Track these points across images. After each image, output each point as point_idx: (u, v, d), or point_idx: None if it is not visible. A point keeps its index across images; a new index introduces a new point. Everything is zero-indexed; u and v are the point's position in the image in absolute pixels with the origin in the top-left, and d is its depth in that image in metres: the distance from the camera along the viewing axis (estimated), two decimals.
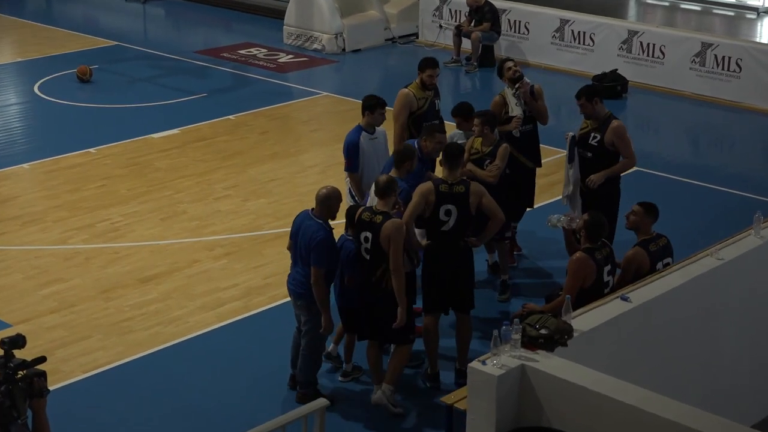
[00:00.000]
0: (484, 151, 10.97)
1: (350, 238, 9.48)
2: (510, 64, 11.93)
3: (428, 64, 11.86)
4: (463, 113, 11.31)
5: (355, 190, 11.01)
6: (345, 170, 11.11)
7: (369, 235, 9.14)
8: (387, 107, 11.17)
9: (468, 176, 10.85)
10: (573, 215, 9.86)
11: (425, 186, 9.65)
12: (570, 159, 11.23)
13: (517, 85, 11.65)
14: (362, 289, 9.37)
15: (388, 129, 11.48)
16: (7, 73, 20.16)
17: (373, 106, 11.02)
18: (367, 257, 9.20)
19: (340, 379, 9.95)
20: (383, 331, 9.38)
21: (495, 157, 10.90)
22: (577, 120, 11.56)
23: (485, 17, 20.23)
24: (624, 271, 9.12)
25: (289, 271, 9.60)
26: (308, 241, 9.19)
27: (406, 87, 11.89)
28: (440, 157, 9.98)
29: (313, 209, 9.33)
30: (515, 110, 11.66)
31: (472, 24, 20.33)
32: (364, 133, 11.07)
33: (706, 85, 18.41)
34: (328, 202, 9.26)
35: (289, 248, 9.65)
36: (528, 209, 12.21)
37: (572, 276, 8.90)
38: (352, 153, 10.99)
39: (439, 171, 10.22)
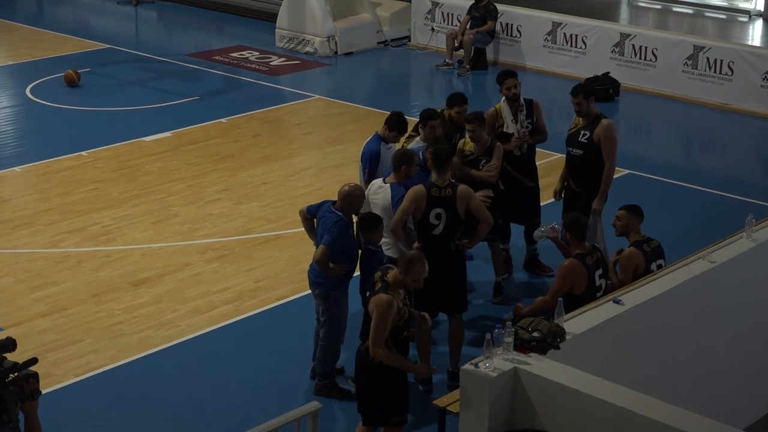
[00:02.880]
0: (478, 152, 10.98)
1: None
2: (509, 83, 11.52)
3: (456, 101, 11.42)
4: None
5: None
6: (365, 179, 10.82)
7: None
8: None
9: (467, 178, 10.87)
10: (554, 224, 9.91)
11: (417, 190, 9.61)
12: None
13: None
14: (357, 355, 8.58)
15: None
16: None
17: (393, 126, 10.88)
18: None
19: (348, 382, 9.87)
20: (368, 408, 8.60)
21: (491, 156, 10.92)
22: (570, 122, 11.54)
23: (491, 15, 20.18)
24: (625, 271, 9.12)
25: (310, 263, 9.76)
26: (326, 227, 9.43)
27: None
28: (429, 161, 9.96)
29: (334, 202, 9.54)
30: (510, 126, 11.57)
31: (469, 24, 20.23)
32: (382, 142, 10.95)
33: (698, 87, 18.43)
34: (349, 199, 9.50)
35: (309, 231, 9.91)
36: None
37: (560, 280, 8.95)
38: (374, 163, 10.86)
39: None
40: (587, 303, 8.54)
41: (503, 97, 11.67)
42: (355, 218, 9.74)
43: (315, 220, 9.76)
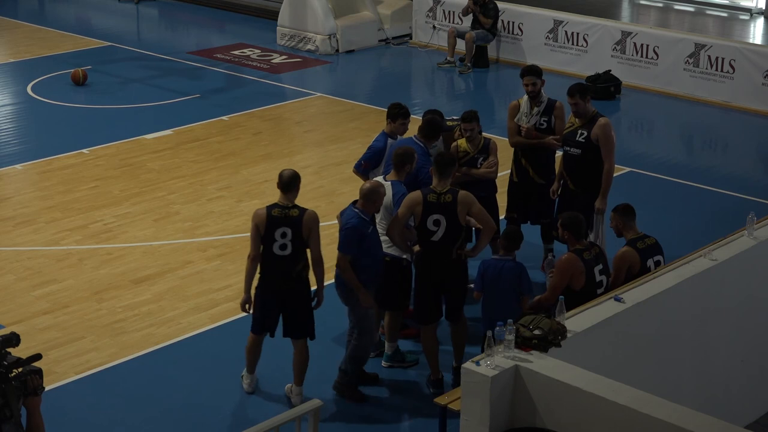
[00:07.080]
0: (473, 151, 10.98)
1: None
2: (526, 80, 11.52)
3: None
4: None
5: None
6: (358, 170, 10.86)
7: (288, 230, 9.26)
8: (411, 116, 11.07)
9: (468, 178, 10.83)
10: (551, 260, 9.93)
11: (413, 197, 9.51)
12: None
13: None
14: (280, 284, 9.45)
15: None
16: (0, 73, 20.12)
17: (394, 115, 10.88)
18: (286, 253, 9.28)
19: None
20: (293, 324, 9.54)
21: (487, 154, 10.94)
22: None
23: (489, 13, 20.14)
24: (616, 271, 9.14)
25: None
26: (342, 226, 9.40)
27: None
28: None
29: (356, 201, 9.45)
30: (522, 119, 11.58)
31: (470, 16, 20.20)
32: (389, 140, 10.88)
33: (699, 85, 18.42)
34: (373, 196, 9.37)
35: None
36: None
37: (558, 274, 8.98)
38: (374, 159, 10.81)
39: None
40: (587, 299, 8.57)
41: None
42: (377, 217, 9.63)
43: None
